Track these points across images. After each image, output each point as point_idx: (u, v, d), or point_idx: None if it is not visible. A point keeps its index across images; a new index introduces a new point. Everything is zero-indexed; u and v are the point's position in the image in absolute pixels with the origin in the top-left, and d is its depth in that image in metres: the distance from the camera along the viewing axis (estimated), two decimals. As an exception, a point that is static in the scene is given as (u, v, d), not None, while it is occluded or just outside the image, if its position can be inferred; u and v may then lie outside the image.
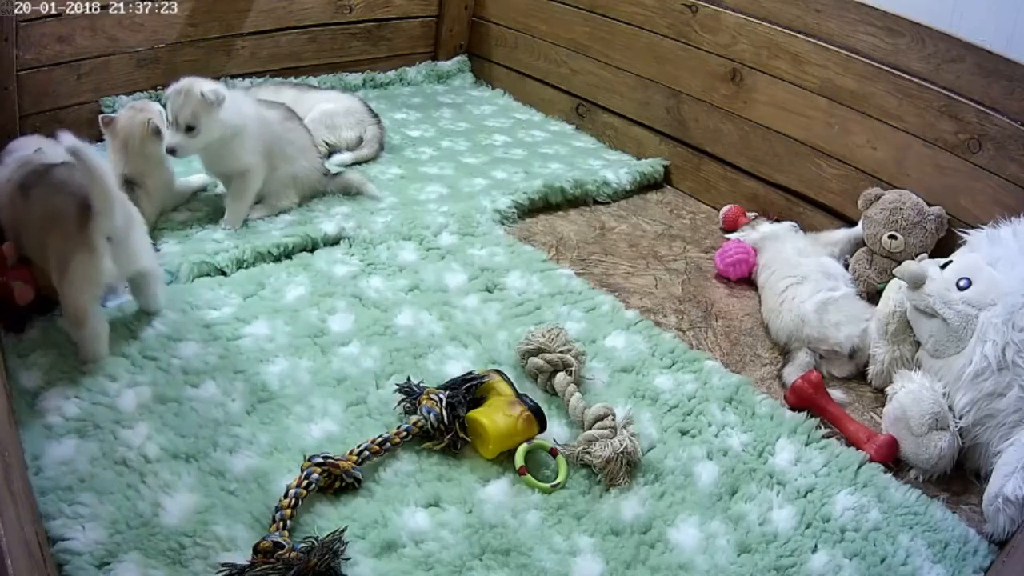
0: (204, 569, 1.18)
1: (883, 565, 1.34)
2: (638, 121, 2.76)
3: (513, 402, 1.48)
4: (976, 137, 1.93)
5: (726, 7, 2.42)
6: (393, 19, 3.08)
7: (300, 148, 2.15)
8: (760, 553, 1.34)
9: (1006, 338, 1.50)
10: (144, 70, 2.52)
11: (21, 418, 1.39)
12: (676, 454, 1.51)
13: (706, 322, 1.97)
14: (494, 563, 1.26)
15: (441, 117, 2.93)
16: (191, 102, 1.86)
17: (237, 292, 1.79)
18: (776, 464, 1.51)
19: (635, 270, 2.15)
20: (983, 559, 1.37)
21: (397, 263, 1.96)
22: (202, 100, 1.87)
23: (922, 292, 1.64)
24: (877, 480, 1.49)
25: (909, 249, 1.96)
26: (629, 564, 1.30)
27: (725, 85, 2.47)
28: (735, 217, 2.39)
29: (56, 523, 1.20)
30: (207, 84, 1.90)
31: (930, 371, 1.64)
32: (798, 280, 1.91)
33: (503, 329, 1.78)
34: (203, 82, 1.90)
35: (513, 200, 2.29)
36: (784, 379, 1.77)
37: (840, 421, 1.64)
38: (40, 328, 1.59)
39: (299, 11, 2.81)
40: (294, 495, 1.28)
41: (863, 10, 2.11)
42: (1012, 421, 1.49)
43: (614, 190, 2.49)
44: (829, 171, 2.26)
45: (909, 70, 2.05)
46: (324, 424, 1.48)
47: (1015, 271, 1.57)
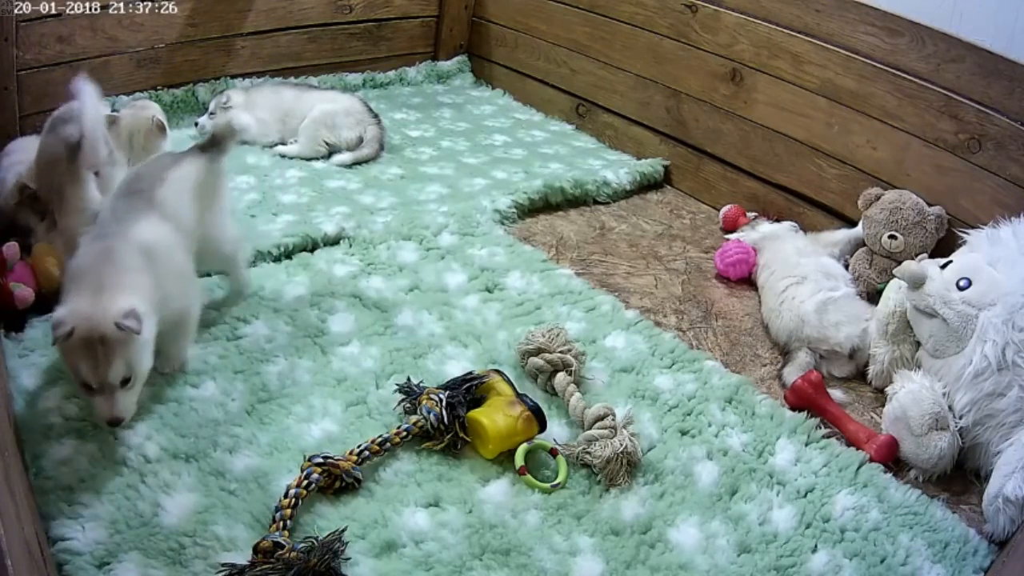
0: (204, 569, 1.18)
1: (883, 565, 1.34)
2: (638, 121, 2.76)
3: (513, 402, 1.48)
4: (976, 137, 1.93)
5: (726, 7, 2.42)
6: (393, 19, 3.08)
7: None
8: (760, 553, 1.34)
9: (1006, 338, 1.50)
10: (144, 70, 2.52)
11: (21, 418, 1.39)
12: (676, 454, 1.51)
13: (706, 322, 1.97)
14: (494, 563, 1.26)
15: (441, 117, 2.93)
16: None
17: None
18: (776, 464, 1.51)
19: (635, 270, 2.15)
20: (983, 559, 1.37)
21: (397, 263, 1.96)
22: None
23: (922, 292, 1.64)
24: (877, 480, 1.49)
25: (909, 249, 1.96)
26: (629, 564, 1.30)
27: (725, 85, 2.47)
28: (735, 217, 2.38)
29: (56, 523, 1.20)
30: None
31: (930, 371, 1.64)
32: (798, 280, 1.91)
33: (503, 329, 1.78)
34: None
35: (513, 200, 2.29)
36: (784, 379, 1.76)
37: (840, 421, 1.64)
38: (40, 328, 1.59)
39: (299, 11, 2.81)
40: (294, 495, 1.28)
41: (863, 10, 2.11)
42: (1012, 421, 1.49)
43: (614, 190, 2.49)
44: (829, 171, 2.26)
45: (909, 70, 2.05)
46: (324, 424, 1.48)
47: (1015, 271, 1.57)
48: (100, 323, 1.26)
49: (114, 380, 1.30)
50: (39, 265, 1.64)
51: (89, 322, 1.26)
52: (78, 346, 1.26)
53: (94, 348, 1.26)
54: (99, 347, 1.26)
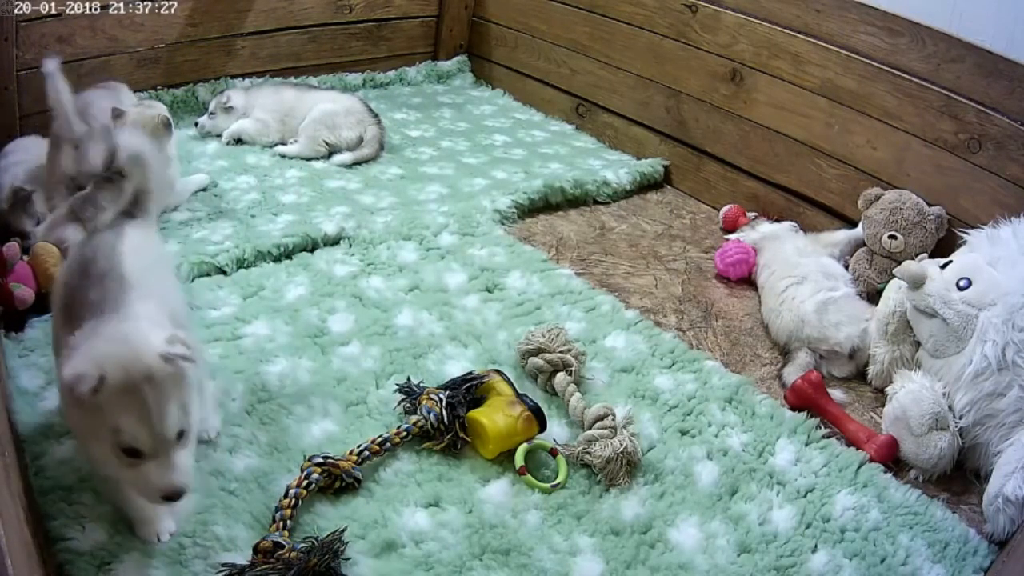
0: (204, 569, 1.18)
1: (883, 565, 1.34)
2: (638, 121, 2.76)
3: (513, 402, 1.48)
4: (976, 137, 1.93)
5: (726, 7, 2.42)
6: (393, 19, 3.08)
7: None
8: (760, 553, 1.34)
9: (1006, 338, 1.50)
10: (144, 70, 2.52)
11: (21, 418, 1.39)
12: (676, 454, 1.51)
13: (706, 322, 1.97)
14: (494, 563, 1.26)
15: (441, 117, 2.93)
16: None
17: (237, 292, 1.79)
18: (776, 464, 1.51)
19: (635, 270, 2.15)
20: (983, 559, 1.37)
21: (397, 263, 1.96)
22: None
23: (922, 292, 1.64)
24: (877, 480, 1.49)
25: (909, 249, 1.96)
26: (629, 564, 1.30)
27: (725, 85, 2.47)
28: (735, 217, 2.38)
29: (56, 523, 1.20)
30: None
31: (930, 371, 1.64)
32: (798, 280, 1.91)
33: (503, 329, 1.78)
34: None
35: (513, 200, 2.29)
36: (784, 379, 1.76)
37: (840, 421, 1.64)
38: (40, 328, 1.59)
39: (299, 11, 2.81)
40: (294, 495, 1.28)
41: (863, 10, 2.11)
42: (1012, 421, 1.49)
43: (614, 190, 2.49)
44: (829, 171, 2.26)
45: (909, 70, 2.04)
46: (324, 424, 1.48)
47: (1015, 271, 1.57)
48: (141, 359, 0.99)
49: (171, 433, 1.01)
50: (39, 265, 1.64)
51: (124, 362, 0.98)
52: (114, 399, 0.98)
53: (138, 396, 0.98)
54: (145, 393, 0.99)
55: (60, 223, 1.74)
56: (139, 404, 0.98)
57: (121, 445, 1.00)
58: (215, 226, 2.04)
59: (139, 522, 1.19)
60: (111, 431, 1.00)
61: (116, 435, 0.99)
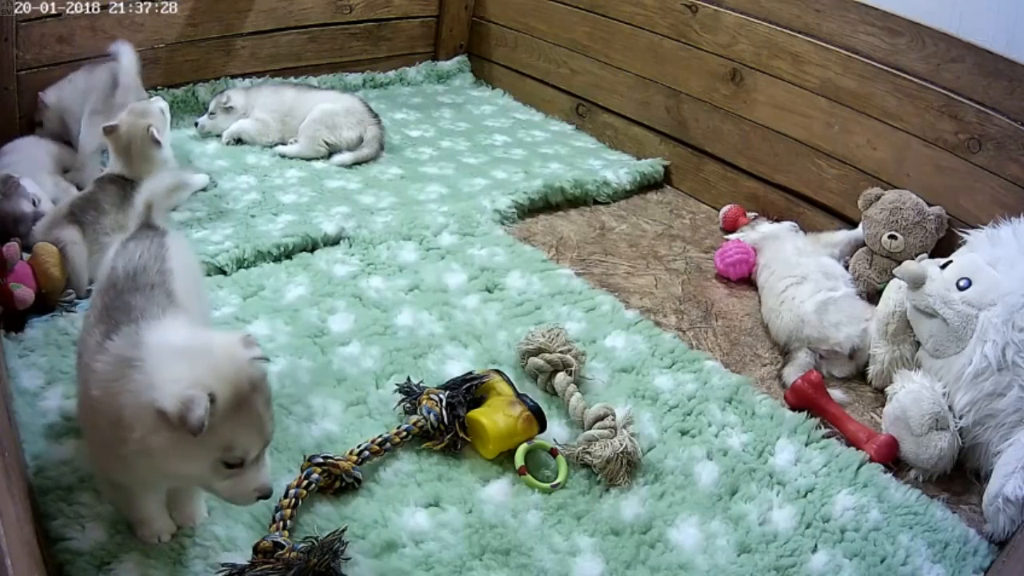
0: (204, 569, 1.18)
1: (883, 565, 1.34)
2: (638, 121, 2.76)
3: (513, 402, 1.48)
4: (976, 137, 1.93)
5: (726, 7, 2.42)
6: (393, 19, 3.08)
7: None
8: (760, 553, 1.34)
9: (1006, 338, 1.50)
10: (144, 70, 2.50)
11: (21, 418, 1.39)
12: (676, 454, 1.51)
13: (706, 322, 1.97)
14: (494, 563, 1.26)
15: (441, 117, 2.93)
16: None
17: (237, 292, 1.79)
18: (776, 464, 1.51)
19: (635, 270, 2.15)
20: (983, 559, 1.37)
21: (397, 263, 1.96)
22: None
23: (922, 292, 1.64)
24: (877, 480, 1.49)
25: (909, 249, 1.96)
26: (629, 564, 1.30)
27: (725, 85, 2.47)
28: (735, 217, 2.38)
29: (56, 523, 1.20)
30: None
31: (930, 371, 1.64)
32: (798, 280, 1.91)
33: (503, 329, 1.78)
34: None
35: (513, 200, 2.29)
36: (784, 379, 1.76)
37: (840, 421, 1.64)
38: (40, 328, 1.59)
39: (299, 11, 2.81)
40: (294, 495, 1.28)
41: (863, 10, 2.11)
42: (1012, 421, 1.49)
43: (614, 190, 2.49)
44: (829, 171, 2.26)
45: (909, 70, 2.05)
46: (324, 424, 1.48)
47: (1015, 271, 1.57)
48: (242, 369, 0.94)
49: (272, 435, 0.99)
50: (39, 265, 1.64)
51: (227, 375, 0.93)
52: (225, 415, 0.93)
53: (248, 407, 0.94)
54: (254, 402, 0.95)
55: (60, 223, 1.74)
56: (249, 415, 0.95)
57: (231, 461, 0.96)
58: (215, 226, 2.04)
59: (139, 523, 1.18)
60: (221, 448, 0.95)
61: (227, 452, 0.95)
